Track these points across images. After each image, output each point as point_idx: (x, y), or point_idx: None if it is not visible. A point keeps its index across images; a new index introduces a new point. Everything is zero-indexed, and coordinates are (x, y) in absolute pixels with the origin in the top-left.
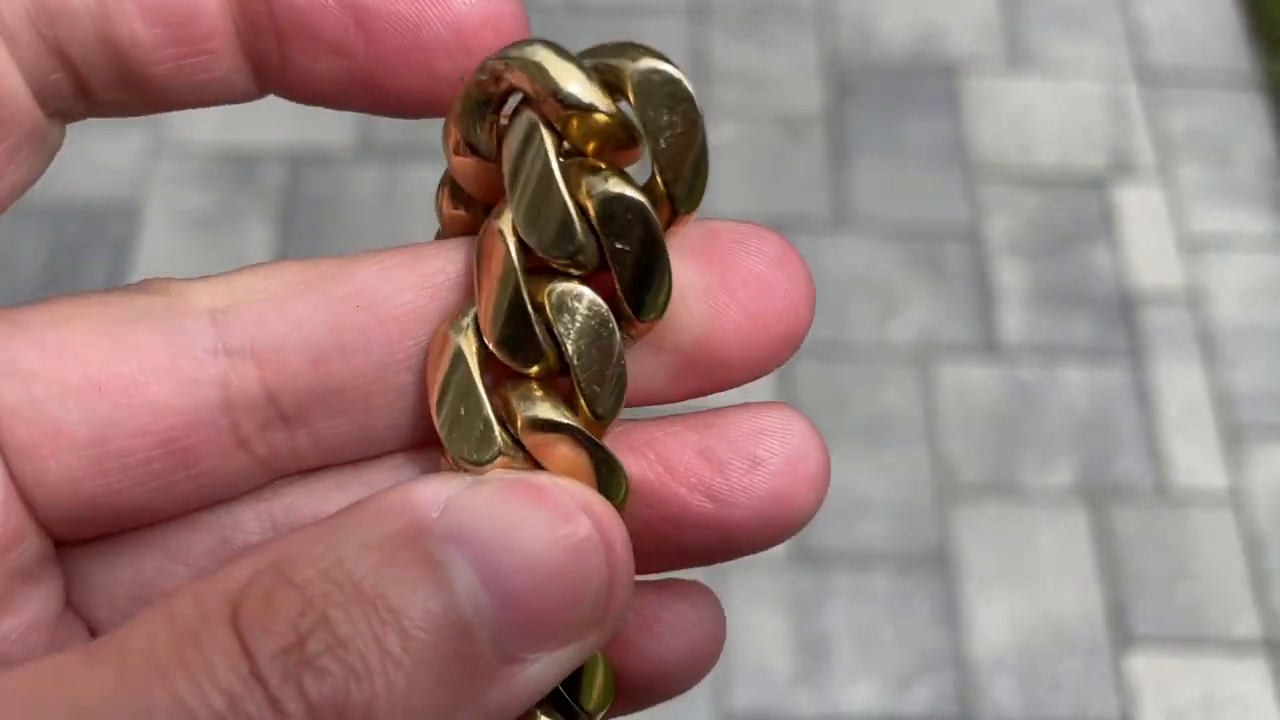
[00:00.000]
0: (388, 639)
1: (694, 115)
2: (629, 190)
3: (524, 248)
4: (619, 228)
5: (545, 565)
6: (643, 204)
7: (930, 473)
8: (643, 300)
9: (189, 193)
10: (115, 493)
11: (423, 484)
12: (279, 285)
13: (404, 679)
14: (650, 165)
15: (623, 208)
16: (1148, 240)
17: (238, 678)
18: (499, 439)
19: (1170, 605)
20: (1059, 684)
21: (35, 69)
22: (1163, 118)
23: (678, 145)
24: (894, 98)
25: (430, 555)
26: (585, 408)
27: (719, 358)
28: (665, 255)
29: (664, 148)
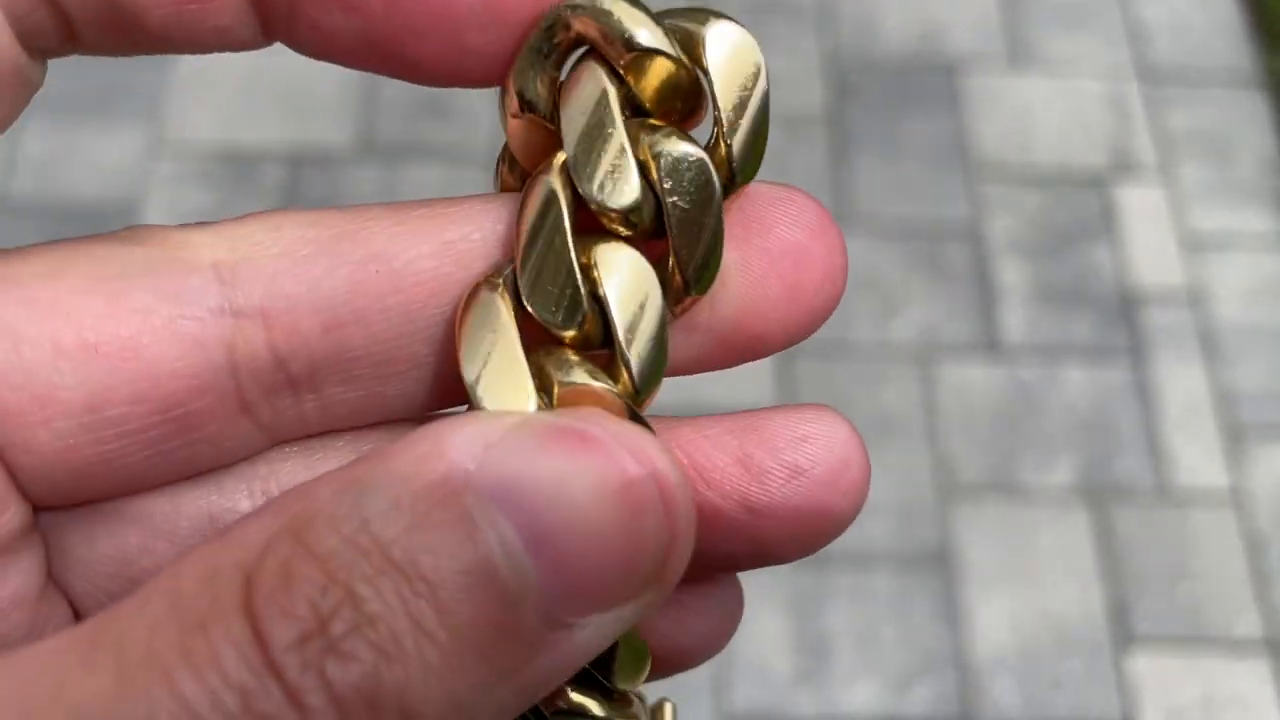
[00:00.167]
0: (422, 613)
1: (763, 84)
2: (694, 149)
3: (575, 202)
4: (681, 186)
5: (597, 522)
6: (707, 164)
7: (931, 472)
8: (696, 269)
9: (188, 193)
10: (108, 460)
11: (457, 428)
12: (289, 240)
13: (441, 657)
14: (713, 129)
15: (686, 165)
16: (1149, 239)
17: (250, 671)
18: (535, 400)
19: (1171, 605)
20: (1059, 684)
21: (17, 9)
22: (1164, 116)
23: (743, 109)
24: (895, 97)
25: (468, 515)
26: (626, 379)
27: (757, 332)
28: (721, 224)
29: (731, 111)
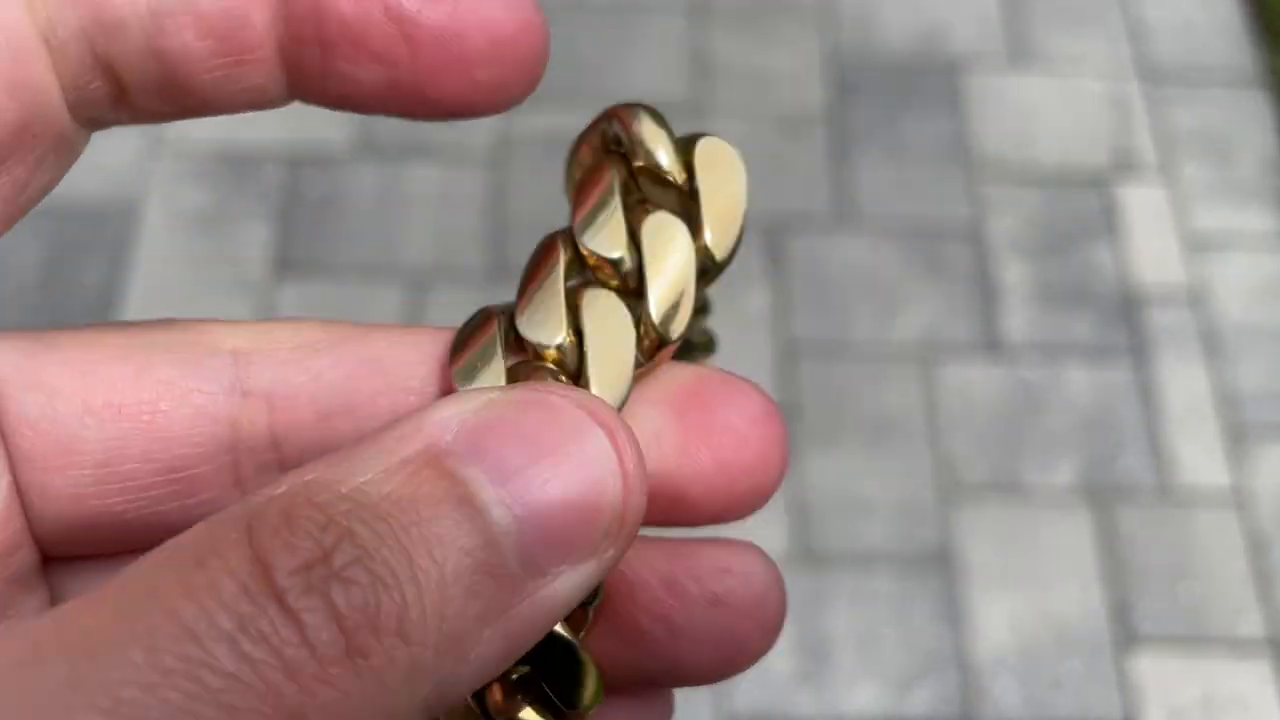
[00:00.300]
0: (416, 551)
1: (744, 201)
2: (676, 220)
3: (576, 258)
4: (658, 244)
5: (563, 477)
6: (682, 227)
7: (932, 472)
8: (663, 313)
9: (188, 192)
10: (113, 513)
11: (436, 408)
12: (302, 339)
13: (435, 589)
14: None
15: (665, 227)
16: (1150, 239)
17: (249, 597)
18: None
19: (1173, 605)
20: (1061, 684)
21: (77, 81)
22: (1165, 116)
23: (723, 221)
24: (895, 96)
25: (452, 473)
26: (597, 393)
27: (684, 499)
28: (693, 283)
29: (713, 222)
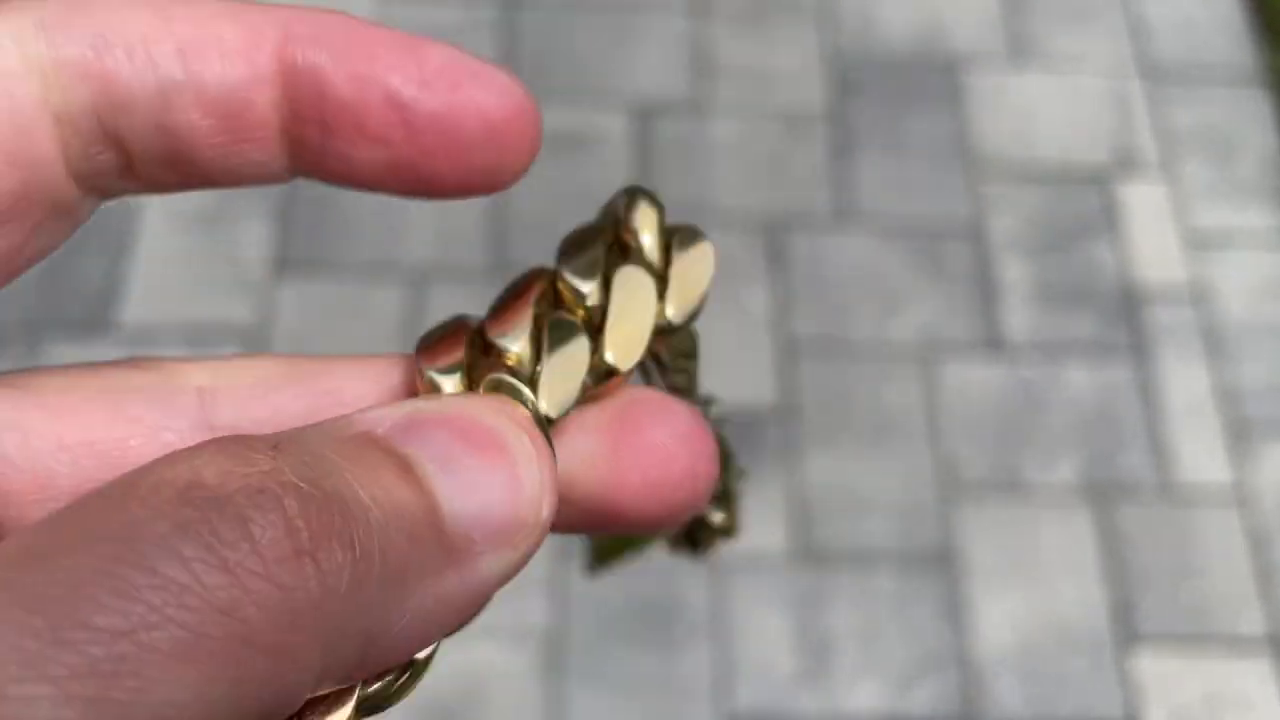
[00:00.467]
0: (363, 487)
1: (706, 290)
2: (645, 274)
3: (551, 289)
4: (624, 289)
5: (491, 473)
6: (649, 278)
7: (933, 471)
8: (616, 340)
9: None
10: None
11: (368, 409)
12: (263, 374)
13: (382, 524)
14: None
15: (635, 276)
16: (1151, 237)
17: (189, 502)
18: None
19: (1175, 603)
20: (1063, 682)
21: (85, 152)
22: (1166, 114)
23: (687, 304)
24: (896, 94)
25: (392, 448)
26: (544, 399)
27: (619, 513)
28: (650, 322)
29: (676, 305)
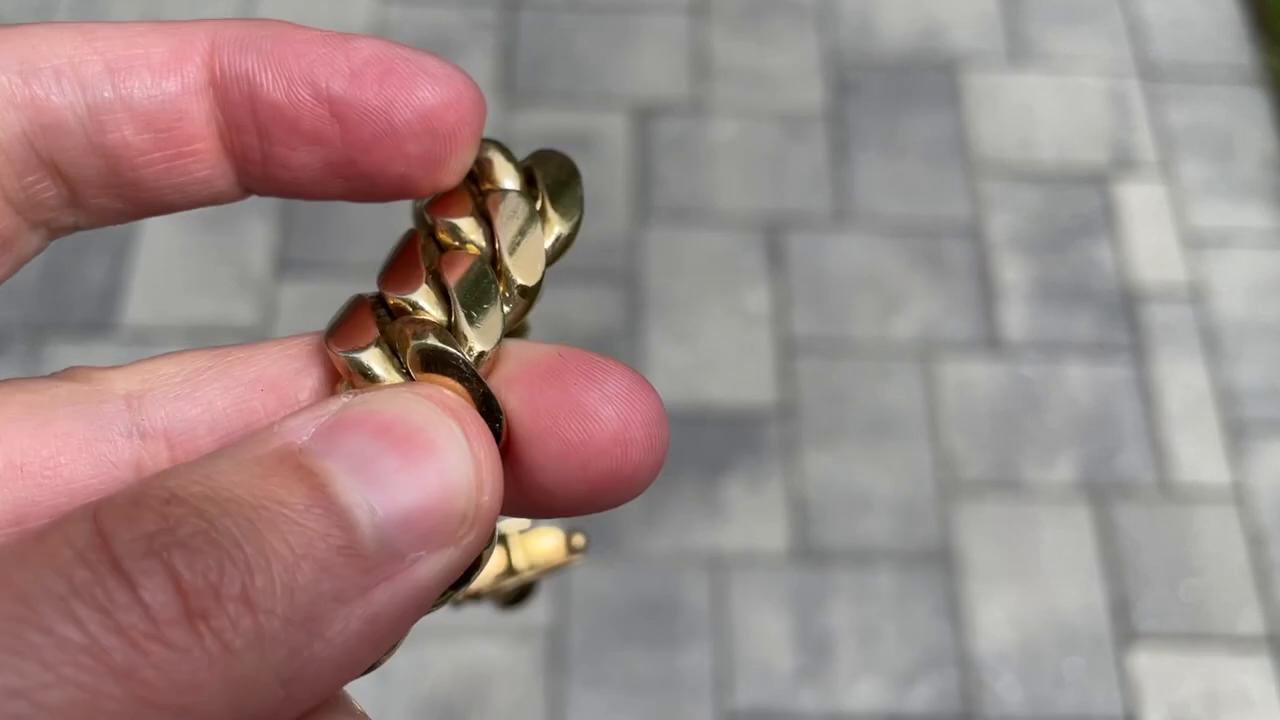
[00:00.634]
0: (264, 528)
1: (577, 187)
2: (521, 196)
3: (431, 239)
4: (506, 215)
5: (417, 472)
6: (528, 202)
7: (932, 469)
8: (519, 264)
9: None
10: None
11: (293, 414)
12: (189, 370)
13: (283, 566)
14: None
15: (511, 200)
16: (1150, 236)
17: (85, 564)
18: (379, 355)
19: (1173, 601)
20: (1062, 680)
21: (22, 182)
22: (1164, 113)
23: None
24: (895, 94)
25: (307, 466)
26: (467, 339)
27: (536, 486)
28: (540, 234)
29: (548, 198)
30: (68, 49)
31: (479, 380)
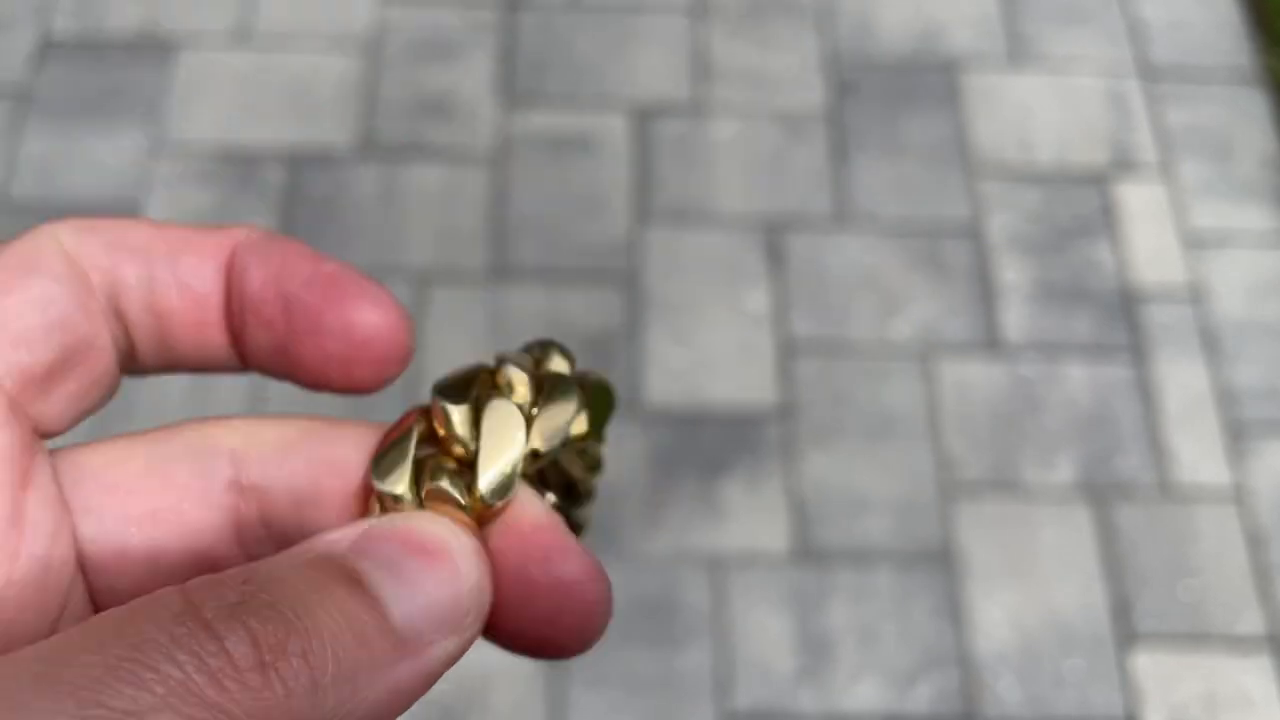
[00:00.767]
0: (317, 608)
1: (574, 400)
2: (514, 409)
3: (429, 430)
4: (494, 415)
5: (438, 574)
6: (514, 408)
7: (932, 470)
8: (490, 486)
9: (190, 192)
10: None
11: (331, 530)
12: (285, 441)
13: (332, 636)
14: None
15: (499, 405)
16: (1149, 236)
17: (181, 622)
18: (408, 486)
19: (1173, 602)
20: (1062, 681)
21: (112, 331)
22: (1164, 114)
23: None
24: (894, 95)
25: (347, 566)
26: (477, 487)
27: (498, 634)
28: (518, 454)
29: (541, 420)
30: (143, 236)
31: (472, 526)
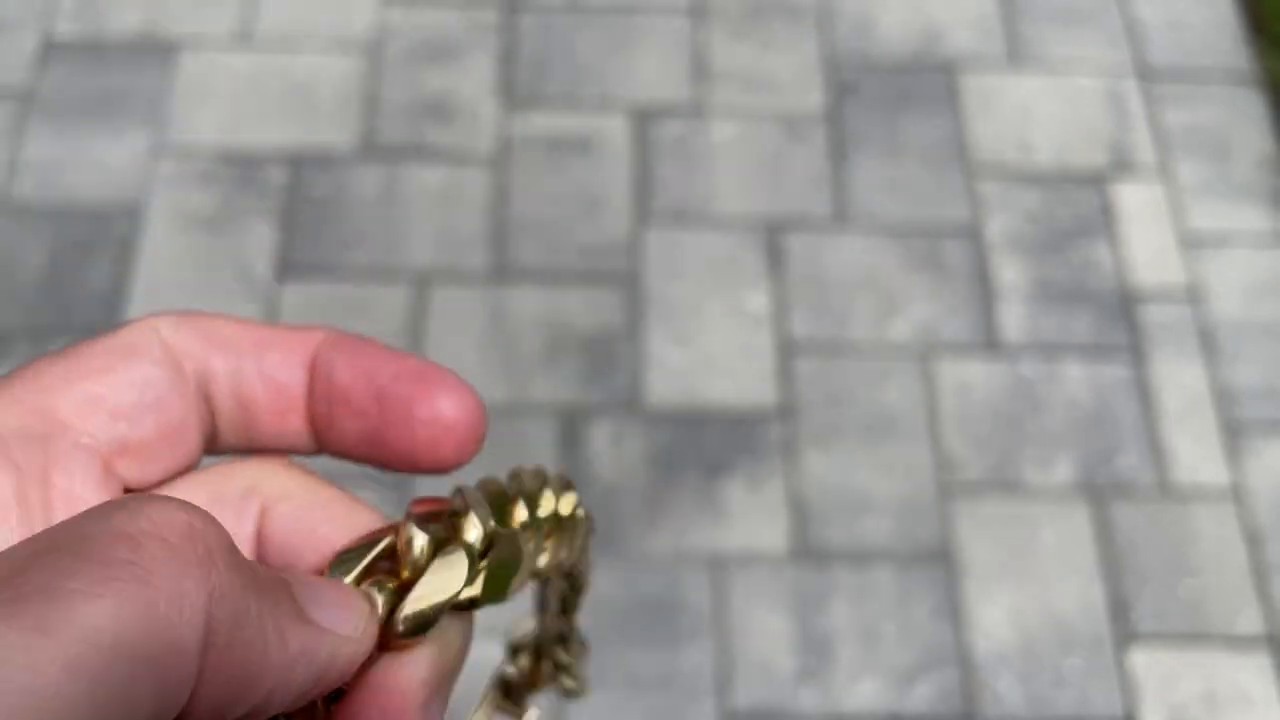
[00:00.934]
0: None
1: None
2: (463, 557)
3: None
4: (442, 559)
5: (353, 620)
6: (465, 564)
7: (932, 470)
8: (412, 612)
9: (191, 193)
10: None
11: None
12: (280, 494)
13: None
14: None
15: (450, 551)
16: (1147, 237)
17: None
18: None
19: (1172, 601)
20: (1062, 680)
21: (199, 414)
22: (1162, 115)
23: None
24: (894, 96)
25: (306, 615)
26: (404, 606)
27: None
28: (447, 597)
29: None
30: (232, 331)
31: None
